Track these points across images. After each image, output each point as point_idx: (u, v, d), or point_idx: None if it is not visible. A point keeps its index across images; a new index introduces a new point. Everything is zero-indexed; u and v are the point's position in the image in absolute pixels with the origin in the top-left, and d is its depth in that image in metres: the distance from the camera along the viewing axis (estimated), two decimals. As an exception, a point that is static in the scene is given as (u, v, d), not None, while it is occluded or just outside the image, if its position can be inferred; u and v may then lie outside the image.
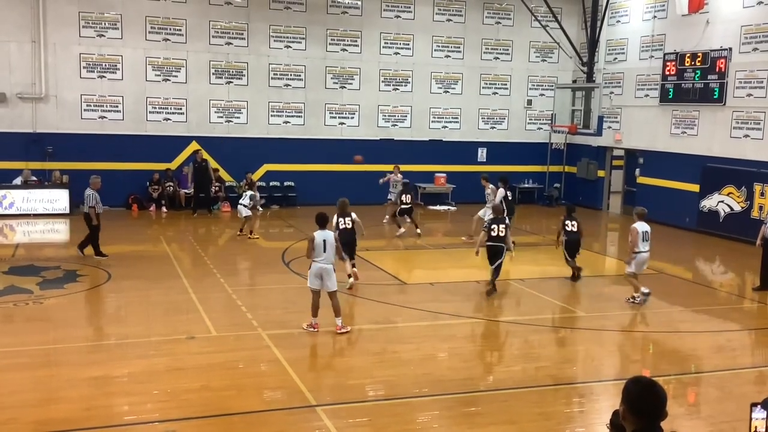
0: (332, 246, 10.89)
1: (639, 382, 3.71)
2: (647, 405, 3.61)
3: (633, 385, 3.69)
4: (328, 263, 10.83)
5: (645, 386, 3.67)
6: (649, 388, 3.66)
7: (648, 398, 3.63)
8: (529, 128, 26.46)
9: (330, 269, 10.85)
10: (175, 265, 15.32)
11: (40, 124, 21.42)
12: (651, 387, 3.66)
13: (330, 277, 10.85)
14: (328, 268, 10.84)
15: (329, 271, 10.84)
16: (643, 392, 3.64)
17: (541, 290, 14.12)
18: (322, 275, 10.81)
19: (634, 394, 3.64)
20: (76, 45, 21.50)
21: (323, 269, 10.80)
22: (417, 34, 24.64)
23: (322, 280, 10.85)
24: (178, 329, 10.84)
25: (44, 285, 13.26)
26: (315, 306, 10.99)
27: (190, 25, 22.42)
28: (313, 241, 10.80)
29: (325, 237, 10.86)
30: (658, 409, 3.61)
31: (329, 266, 10.85)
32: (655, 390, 3.65)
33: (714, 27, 20.38)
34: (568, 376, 9.70)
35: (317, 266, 10.81)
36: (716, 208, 20.27)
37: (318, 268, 10.80)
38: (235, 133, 23.21)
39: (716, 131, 20.48)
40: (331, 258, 10.87)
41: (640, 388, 3.66)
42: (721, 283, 15.94)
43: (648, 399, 3.62)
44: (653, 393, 3.63)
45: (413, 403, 8.57)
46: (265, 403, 8.45)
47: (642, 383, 3.69)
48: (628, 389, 3.68)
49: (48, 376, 9.16)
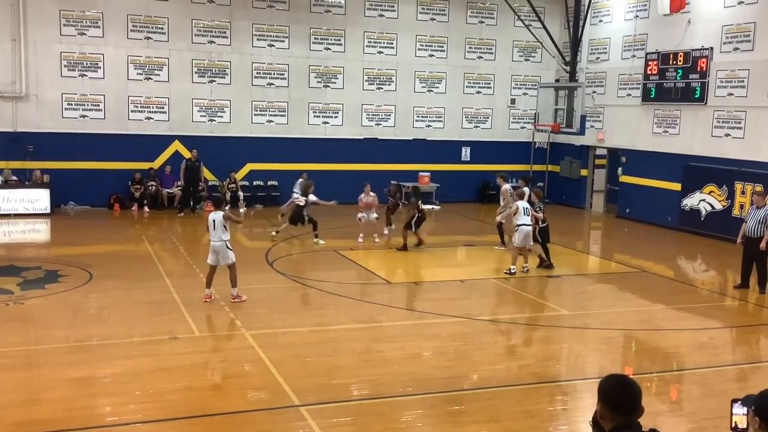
0: (220, 224, 12.03)
1: (613, 378, 3.74)
2: (622, 401, 3.65)
3: (607, 382, 3.72)
4: (216, 240, 12.09)
5: (618, 383, 3.71)
6: (622, 384, 3.70)
7: (623, 394, 3.67)
8: (513, 127, 26.54)
9: (219, 246, 12.09)
10: (157, 265, 15.22)
11: (20, 123, 21.20)
12: (625, 383, 3.70)
13: (222, 252, 12.12)
14: (216, 245, 12.09)
15: (218, 248, 12.09)
16: (617, 389, 3.68)
17: (524, 289, 14.16)
18: (216, 251, 12.11)
19: (609, 392, 3.68)
20: (57, 43, 21.31)
21: (213, 246, 12.13)
22: (400, 33, 24.64)
23: (217, 256, 12.12)
24: (160, 329, 10.78)
25: (25, 285, 13.13)
26: (209, 279, 12.30)
27: (173, 24, 22.28)
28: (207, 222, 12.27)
29: (214, 217, 12.14)
30: (634, 404, 3.65)
31: (217, 243, 12.08)
32: (628, 385, 3.69)
33: (695, 27, 20.53)
34: (551, 374, 9.74)
35: (211, 244, 12.20)
36: (698, 207, 20.42)
37: (211, 246, 12.18)
38: (218, 132, 23.09)
39: (697, 130, 20.64)
40: (218, 236, 12.06)
41: (614, 384, 3.70)
42: (702, 281, 16.05)
43: (623, 395, 3.66)
44: (627, 389, 3.68)
45: (397, 402, 8.56)
46: (249, 403, 8.41)
47: (615, 380, 3.73)
48: (602, 387, 3.71)
49: (29, 377, 9.08)
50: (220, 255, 12.14)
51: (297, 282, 14.13)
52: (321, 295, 13.32)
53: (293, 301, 13.10)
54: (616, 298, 14.06)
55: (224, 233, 12.14)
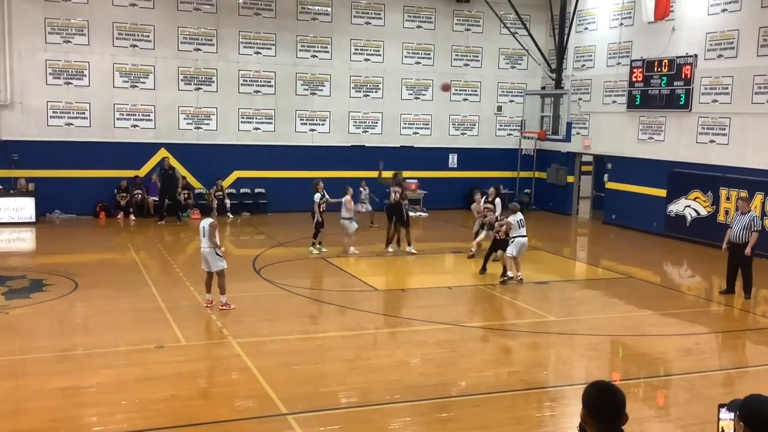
0: (207, 232, 12.08)
1: (597, 386, 3.71)
2: (607, 409, 3.62)
3: (591, 389, 3.69)
4: (204, 247, 12.15)
5: (603, 390, 3.68)
6: (607, 391, 3.67)
7: (606, 402, 3.63)
8: (500, 134, 26.63)
9: (207, 252, 12.10)
10: (143, 274, 15.14)
11: (5, 132, 21.06)
12: (609, 390, 3.67)
13: (210, 258, 12.13)
14: (204, 251, 12.15)
15: (206, 254, 12.13)
16: (601, 396, 3.66)
17: (512, 295, 14.18)
18: (206, 258, 12.19)
19: (592, 399, 3.65)
20: (42, 51, 21.20)
21: (202, 252, 12.24)
22: (387, 40, 24.69)
23: (207, 262, 12.21)
24: (147, 338, 10.71)
25: (10, 295, 13.02)
26: (206, 284, 12.38)
27: (159, 31, 22.23)
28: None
29: (203, 224, 12.26)
30: (617, 412, 3.62)
31: (205, 249, 12.12)
32: (612, 393, 3.66)
33: (680, 34, 20.70)
34: (539, 381, 9.75)
35: (201, 251, 12.30)
36: (683, 213, 20.54)
37: (201, 252, 12.30)
38: (205, 139, 23.03)
39: (682, 137, 20.77)
40: (206, 243, 12.08)
41: (598, 392, 3.67)
42: (688, 287, 16.14)
43: (606, 403, 3.63)
44: (611, 396, 3.65)
45: (386, 409, 8.54)
46: (236, 412, 8.37)
47: (600, 387, 3.70)
48: (586, 394, 3.68)
49: (14, 387, 8.99)
50: (210, 261, 12.20)
51: (284, 290, 14.08)
52: (308, 303, 13.29)
53: (281, 309, 13.04)
54: (603, 304, 14.11)
55: (210, 240, 12.14)
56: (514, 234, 14.94)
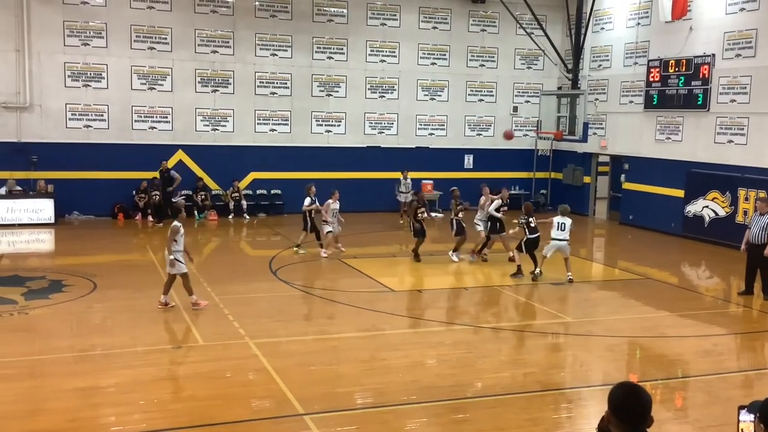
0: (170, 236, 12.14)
1: (623, 387, 3.67)
2: (632, 410, 3.58)
3: (617, 390, 3.65)
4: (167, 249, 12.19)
5: (629, 391, 3.64)
6: (633, 393, 3.62)
7: (632, 403, 3.59)
8: (515, 135, 26.50)
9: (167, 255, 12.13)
10: (161, 274, 15.20)
11: (24, 134, 21.27)
12: (635, 392, 3.63)
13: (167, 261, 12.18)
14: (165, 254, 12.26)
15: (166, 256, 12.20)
16: (627, 397, 3.61)
17: (528, 296, 14.15)
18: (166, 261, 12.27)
19: (618, 400, 3.61)
20: (61, 54, 21.40)
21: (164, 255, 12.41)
22: (403, 41, 24.70)
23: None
24: (164, 339, 10.78)
25: (29, 295, 13.15)
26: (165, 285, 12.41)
27: (176, 34, 22.37)
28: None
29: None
30: (643, 414, 3.57)
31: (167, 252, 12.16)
32: (639, 395, 3.61)
33: (697, 33, 20.55)
34: (555, 382, 9.72)
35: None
36: (701, 213, 20.40)
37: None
38: (222, 141, 23.15)
39: (700, 137, 20.63)
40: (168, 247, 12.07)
41: (624, 393, 3.63)
42: (706, 288, 16.02)
43: (632, 404, 3.59)
44: (637, 398, 3.60)
45: (401, 410, 8.55)
46: (253, 412, 8.41)
47: (626, 388, 3.66)
48: (613, 395, 3.64)
49: (33, 387, 9.08)
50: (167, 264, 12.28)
51: (301, 291, 14.13)
52: (324, 304, 13.32)
53: (297, 309, 13.10)
54: (620, 305, 14.04)
55: (172, 245, 12.05)
56: (552, 235, 15.11)
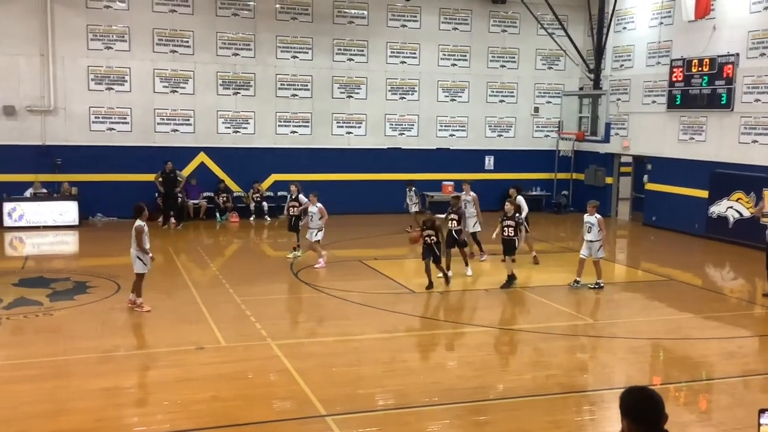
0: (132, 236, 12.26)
1: (632, 392, 3.72)
2: (647, 411, 3.63)
3: (628, 396, 3.70)
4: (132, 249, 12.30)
5: (640, 394, 3.70)
6: (644, 395, 3.68)
7: (646, 404, 3.65)
8: (537, 136, 26.45)
9: (132, 254, 12.27)
10: (183, 276, 15.36)
11: (49, 137, 21.53)
12: (647, 395, 3.68)
13: (133, 260, 12.30)
14: (132, 254, 12.29)
15: (132, 256, 12.30)
16: (640, 401, 3.67)
17: (549, 298, 14.07)
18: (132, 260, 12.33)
19: (631, 405, 3.66)
20: (85, 57, 21.62)
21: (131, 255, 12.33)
22: (423, 43, 24.69)
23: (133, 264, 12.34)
24: (187, 340, 10.86)
25: (54, 297, 13.31)
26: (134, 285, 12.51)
27: (198, 37, 22.53)
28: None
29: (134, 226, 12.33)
30: (658, 412, 3.63)
31: (132, 252, 12.26)
32: (650, 396, 3.67)
33: (721, 32, 20.35)
34: (578, 384, 9.67)
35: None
36: (725, 214, 20.19)
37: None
38: (243, 143, 23.28)
39: (724, 137, 20.43)
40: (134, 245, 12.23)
41: (638, 399, 3.68)
42: (731, 290, 15.86)
43: (646, 405, 3.65)
44: (649, 398, 3.66)
45: (423, 412, 8.55)
46: (275, 413, 8.45)
47: (636, 391, 3.71)
48: (624, 402, 3.68)
49: (58, 387, 9.17)
50: (133, 262, 12.32)
51: (322, 292, 14.17)
52: (345, 305, 13.34)
53: (318, 311, 13.14)
54: (643, 307, 13.93)
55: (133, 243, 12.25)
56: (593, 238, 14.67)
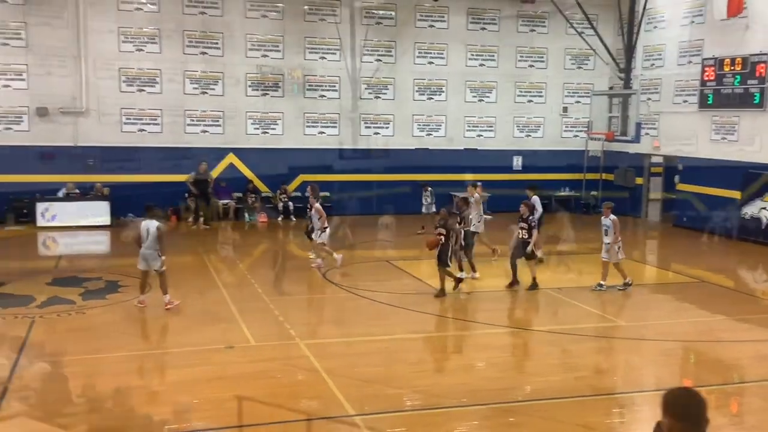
0: (153, 235, 12.22)
1: (676, 390, 3.75)
2: (689, 407, 3.66)
3: (671, 395, 3.72)
4: (148, 249, 12.26)
5: (684, 392, 3.74)
6: (688, 393, 3.73)
7: (689, 401, 3.69)
8: (565, 136, 26.26)
9: (150, 254, 12.27)
10: (213, 276, 15.49)
11: (81, 138, 21.82)
12: (690, 392, 3.74)
13: (151, 259, 12.30)
14: (146, 253, 12.27)
15: (148, 255, 12.28)
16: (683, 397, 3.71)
17: (578, 299, 13.97)
18: (147, 259, 12.31)
19: (677, 403, 3.68)
20: (116, 59, 21.91)
21: (145, 254, 12.28)
22: (451, 43, 24.64)
23: (147, 262, 12.33)
24: (217, 339, 10.95)
25: (86, 296, 13.50)
26: (143, 284, 12.53)
27: (227, 38, 22.71)
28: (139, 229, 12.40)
29: (148, 226, 12.28)
30: (700, 411, 3.66)
31: (149, 251, 12.26)
32: (694, 394, 3.72)
33: (753, 31, 20.05)
34: (607, 386, 9.60)
35: (141, 251, 12.30)
36: (758, 215, 19.90)
37: (142, 253, 12.31)
38: (271, 144, 23.41)
39: (757, 136, 20.13)
40: (151, 245, 12.24)
41: (680, 394, 3.72)
42: (763, 291, 15.62)
43: (689, 402, 3.68)
44: (693, 396, 3.70)
45: (451, 413, 8.55)
46: (303, 412, 8.49)
47: (680, 391, 3.75)
48: (667, 401, 3.70)
49: (89, 385, 9.30)
50: (150, 261, 12.36)
51: (350, 292, 14.21)
52: (374, 306, 13.36)
53: (347, 311, 13.18)
54: (674, 309, 13.78)
55: (156, 243, 12.33)
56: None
